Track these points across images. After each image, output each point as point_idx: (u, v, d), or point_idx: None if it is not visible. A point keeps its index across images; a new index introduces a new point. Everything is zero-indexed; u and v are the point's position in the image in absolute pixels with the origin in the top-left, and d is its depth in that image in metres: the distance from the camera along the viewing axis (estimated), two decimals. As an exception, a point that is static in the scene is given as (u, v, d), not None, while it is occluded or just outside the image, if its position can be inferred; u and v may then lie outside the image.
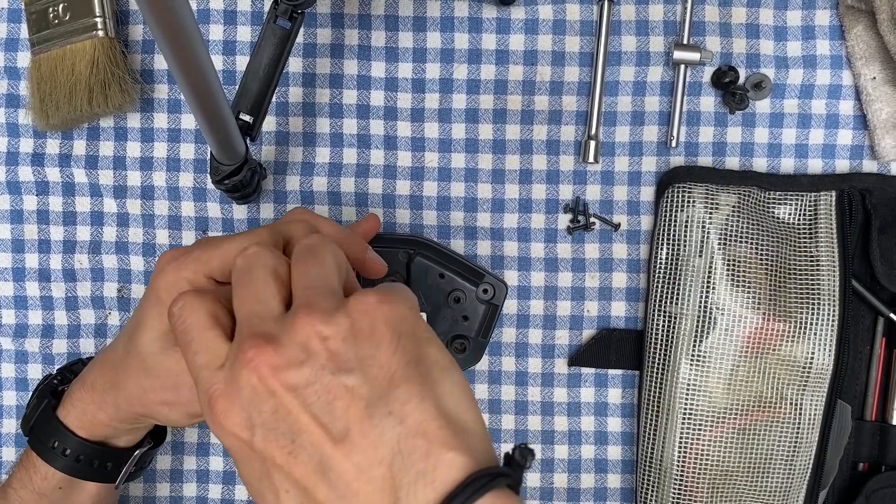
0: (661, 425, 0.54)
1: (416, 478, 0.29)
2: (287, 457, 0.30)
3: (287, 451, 0.30)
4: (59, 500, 0.46)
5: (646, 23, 0.55)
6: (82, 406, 0.45)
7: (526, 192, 0.56)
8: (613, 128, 0.56)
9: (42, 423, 0.46)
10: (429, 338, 0.33)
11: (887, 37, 0.51)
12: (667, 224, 0.54)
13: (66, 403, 0.46)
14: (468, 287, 0.52)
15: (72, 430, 0.45)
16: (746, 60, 0.55)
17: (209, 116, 0.42)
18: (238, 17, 0.56)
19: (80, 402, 0.45)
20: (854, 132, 0.55)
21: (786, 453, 0.53)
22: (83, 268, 0.57)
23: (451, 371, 0.33)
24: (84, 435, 0.45)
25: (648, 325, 0.55)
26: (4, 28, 0.57)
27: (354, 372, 0.31)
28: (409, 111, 0.56)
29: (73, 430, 0.45)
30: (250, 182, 0.52)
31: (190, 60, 0.37)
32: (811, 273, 0.53)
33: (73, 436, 0.45)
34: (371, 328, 0.32)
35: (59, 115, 0.53)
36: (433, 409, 0.30)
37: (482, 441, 0.31)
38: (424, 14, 0.56)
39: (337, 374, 0.30)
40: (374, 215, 0.50)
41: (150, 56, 0.57)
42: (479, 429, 0.32)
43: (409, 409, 0.30)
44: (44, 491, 0.46)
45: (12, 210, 0.57)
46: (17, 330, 0.58)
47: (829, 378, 0.53)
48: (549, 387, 0.57)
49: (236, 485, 0.58)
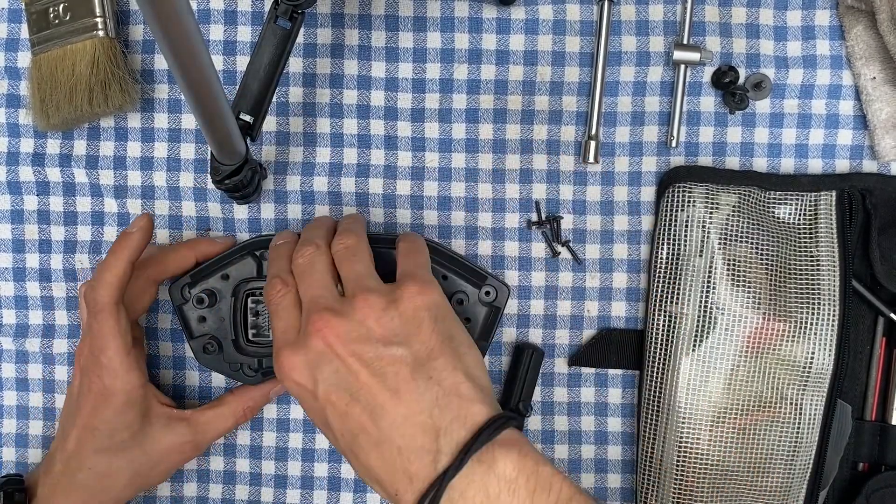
0: (661, 425, 0.54)
1: (451, 422, 0.39)
2: (346, 406, 0.40)
3: (345, 403, 0.40)
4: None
5: (646, 23, 0.55)
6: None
7: (526, 191, 0.56)
8: (614, 128, 0.56)
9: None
10: (455, 320, 0.44)
11: (887, 37, 0.51)
12: (667, 224, 0.54)
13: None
14: (471, 289, 0.52)
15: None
16: (746, 60, 0.55)
17: (209, 116, 0.42)
18: (238, 17, 0.56)
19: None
20: (854, 132, 0.55)
21: (786, 453, 0.53)
22: (84, 268, 0.57)
23: (472, 347, 0.44)
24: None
25: (649, 325, 0.55)
26: (5, 28, 0.57)
27: (402, 345, 0.41)
28: (409, 111, 0.56)
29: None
30: (251, 182, 0.52)
31: (190, 60, 0.37)
32: (811, 273, 0.53)
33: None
34: (414, 312, 0.42)
35: (59, 115, 0.53)
36: (462, 375, 0.41)
37: (494, 399, 0.42)
38: (425, 14, 0.56)
39: (388, 347, 0.41)
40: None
41: (151, 56, 0.57)
42: (490, 388, 0.43)
43: (444, 375, 0.41)
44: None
45: (13, 210, 0.57)
46: (17, 330, 0.58)
47: (830, 378, 0.53)
48: (550, 386, 0.57)
49: (236, 484, 0.58)
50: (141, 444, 0.51)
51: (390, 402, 0.40)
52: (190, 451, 0.53)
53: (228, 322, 0.53)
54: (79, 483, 0.50)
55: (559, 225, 0.56)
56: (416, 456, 0.39)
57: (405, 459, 0.39)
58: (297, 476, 0.58)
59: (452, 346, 0.42)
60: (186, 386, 0.58)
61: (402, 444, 0.39)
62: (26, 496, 0.51)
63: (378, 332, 0.41)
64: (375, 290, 0.43)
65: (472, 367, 0.42)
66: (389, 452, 0.40)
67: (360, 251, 0.46)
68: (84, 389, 0.51)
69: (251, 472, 0.58)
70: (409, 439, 0.39)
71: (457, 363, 0.41)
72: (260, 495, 0.58)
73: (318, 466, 0.58)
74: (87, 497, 0.50)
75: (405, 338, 0.41)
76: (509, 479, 0.38)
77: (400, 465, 0.39)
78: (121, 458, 0.51)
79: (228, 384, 0.58)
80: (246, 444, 0.58)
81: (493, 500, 0.37)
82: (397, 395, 0.40)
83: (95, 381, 0.50)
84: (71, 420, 0.51)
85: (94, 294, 0.50)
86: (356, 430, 0.41)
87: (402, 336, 0.41)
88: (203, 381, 0.58)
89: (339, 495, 0.58)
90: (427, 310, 0.42)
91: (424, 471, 0.39)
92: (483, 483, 0.38)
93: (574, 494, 0.38)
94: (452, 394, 0.40)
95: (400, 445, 0.39)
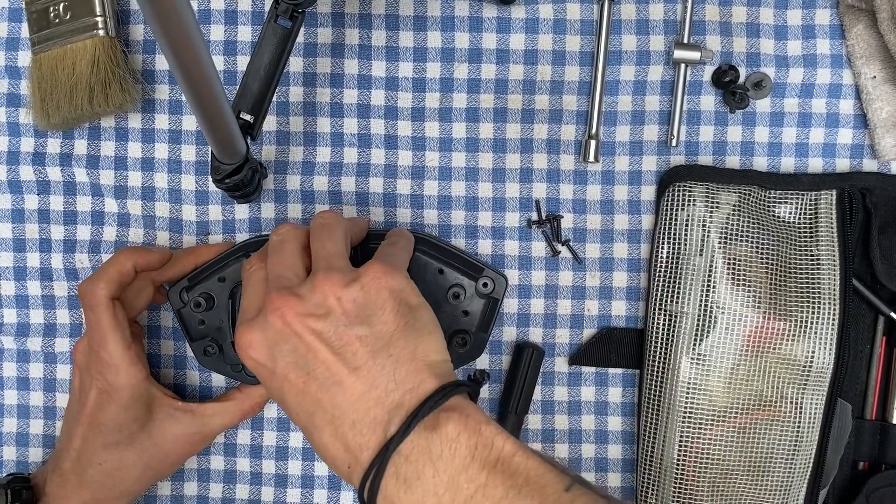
0: (661, 424, 0.54)
1: (404, 395, 0.40)
2: (304, 384, 0.41)
3: (303, 381, 0.41)
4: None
5: (646, 22, 0.55)
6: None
7: (526, 191, 0.56)
8: (614, 127, 0.56)
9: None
10: (418, 303, 0.44)
11: (887, 36, 0.51)
12: (667, 223, 0.54)
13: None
14: (467, 281, 0.52)
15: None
16: (747, 59, 0.55)
17: (210, 116, 0.42)
18: (239, 17, 0.56)
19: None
20: (854, 131, 0.55)
21: (786, 452, 0.53)
22: (84, 267, 0.57)
23: (433, 329, 0.43)
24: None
25: (649, 324, 0.55)
26: (5, 27, 0.57)
27: (363, 325, 0.41)
28: (409, 110, 0.56)
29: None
30: (251, 181, 0.52)
31: (191, 60, 0.37)
32: (811, 272, 0.53)
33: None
34: (377, 293, 0.42)
35: (59, 115, 0.53)
36: (421, 355, 0.41)
37: (452, 377, 0.42)
38: (425, 13, 0.56)
39: (349, 327, 0.41)
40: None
41: (151, 56, 0.57)
42: (450, 369, 0.43)
43: (404, 355, 0.41)
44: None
45: (13, 209, 0.57)
46: (18, 329, 0.58)
47: (830, 377, 0.53)
48: (550, 385, 0.57)
49: (237, 484, 0.58)
50: (150, 436, 0.51)
51: (348, 379, 0.40)
52: (198, 442, 0.54)
53: (227, 324, 0.53)
54: (89, 479, 0.50)
55: (559, 224, 0.56)
56: (368, 429, 0.39)
57: (358, 433, 0.40)
58: (298, 475, 0.58)
59: (415, 327, 0.42)
60: (187, 385, 0.58)
61: (356, 418, 0.40)
62: (33, 495, 0.51)
63: (338, 311, 0.41)
64: (340, 269, 0.43)
65: (431, 347, 0.42)
66: (343, 428, 0.40)
67: (336, 231, 0.46)
68: (86, 387, 0.51)
69: (251, 472, 0.58)
70: (363, 413, 0.40)
71: (417, 344, 0.41)
72: (260, 494, 0.58)
73: (319, 466, 0.58)
74: (99, 492, 0.51)
75: (366, 317, 0.41)
76: (451, 438, 0.38)
77: (353, 438, 0.40)
78: (131, 451, 0.51)
79: (229, 383, 0.58)
80: (246, 444, 0.58)
81: (435, 460, 0.38)
82: (355, 372, 0.40)
83: (98, 379, 0.50)
84: (75, 418, 0.51)
85: (92, 287, 0.50)
86: (312, 407, 0.41)
87: (363, 315, 0.41)
88: (203, 381, 0.58)
89: (339, 494, 0.58)
90: (390, 291, 0.42)
91: (375, 440, 0.39)
92: (427, 445, 0.38)
93: (517, 450, 0.38)
94: (410, 371, 0.40)
95: (353, 420, 0.40)
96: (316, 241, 0.45)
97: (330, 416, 0.40)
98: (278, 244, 0.46)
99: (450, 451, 0.38)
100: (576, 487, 0.37)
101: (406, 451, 0.38)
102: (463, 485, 0.37)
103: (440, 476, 0.38)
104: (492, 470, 0.38)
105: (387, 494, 0.38)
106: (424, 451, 0.38)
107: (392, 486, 0.38)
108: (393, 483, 0.38)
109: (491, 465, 0.38)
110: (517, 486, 0.37)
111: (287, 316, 0.41)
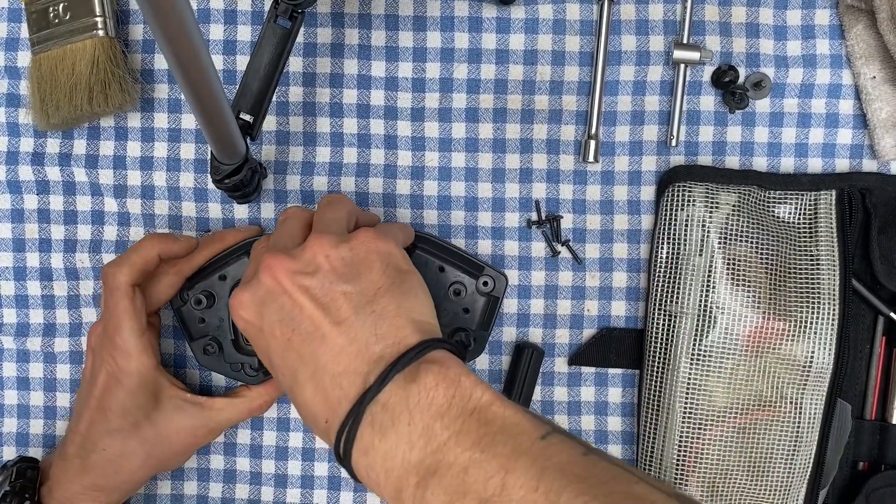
0: (661, 424, 0.54)
1: (385, 346, 0.40)
2: (288, 339, 0.41)
3: (287, 337, 0.41)
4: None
5: (646, 22, 0.55)
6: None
7: (526, 191, 0.56)
8: (613, 127, 0.56)
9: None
10: (408, 270, 0.44)
11: (887, 36, 0.51)
12: (667, 223, 0.54)
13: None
14: (468, 280, 0.52)
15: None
16: (746, 60, 0.55)
17: (209, 116, 0.42)
18: (238, 17, 0.56)
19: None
20: (854, 131, 0.55)
21: (786, 452, 0.53)
22: (84, 267, 0.57)
23: (420, 293, 0.44)
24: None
25: (648, 325, 0.55)
26: (4, 28, 0.57)
27: (350, 282, 0.42)
28: (409, 111, 0.56)
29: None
30: (251, 181, 0.52)
31: (190, 60, 0.37)
32: (811, 272, 0.53)
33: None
34: (366, 255, 0.43)
35: (59, 115, 0.53)
36: (405, 313, 0.42)
37: (437, 334, 0.43)
38: (424, 13, 0.56)
39: (336, 283, 0.41)
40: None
41: (151, 56, 0.57)
42: (435, 329, 0.43)
43: (388, 311, 0.41)
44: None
45: (13, 209, 0.57)
46: (18, 329, 0.58)
47: (829, 377, 0.53)
48: (550, 386, 0.57)
49: (237, 483, 0.58)
50: (155, 426, 0.52)
51: (331, 332, 0.40)
52: (203, 436, 0.54)
53: (227, 322, 0.53)
54: (92, 464, 0.50)
55: (559, 224, 0.56)
56: (348, 381, 0.40)
57: (337, 385, 0.40)
58: (297, 475, 0.58)
59: (402, 288, 0.42)
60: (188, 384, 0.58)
61: (337, 371, 0.40)
62: (38, 475, 0.51)
63: (326, 267, 0.42)
64: (333, 232, 0.44)
65: (417, 308, 0.42)
66: (324, 381, 0.40)
67: (340, 204, 0.47)
68: (97, 371, 0.51)
69: (251, 472, 0.58)
70: (344, 366, 0.40)
71: (401, 302, 0.42)
72: (260, 494, 0.58)
73: (319, 466, 0.58)
74: (100, 478, 0.51)
75: (353, 275, 0.42)
76: (429, 388, 0.38)
77: (332, 392, 0.40)
78: (134, 439, 0.51)
79: (229, 383, 0.58)
80: (246, 444, 0.58)
81: (412, 408, 0.38)
82: (338, 326, 0.40)
83: (108, 362, 0.50)
84: (84, 402, 0.52)
85: (114, 271, 0.50)
86: (295, 363, 0.41)
87: (350, 273, 0.42)
88: (204, 380, 0.58)
89: (339, 495, 0.58)
90: (378, 253, 0.43)
91: (354, 392, 0.39)
92: (404, 394, 0.38)
93: (495, 400, 0.38)
94: (392, 326, 0.41)
95: (334, 373, 0.40)
96: (317, 214, 0.47)
97: (311, 370, 0.41)
98: (283, 221, 0.47)
99: (427, 400, 0.38)
100: (552, 435, 0.37)
101: (383, 400, 0.39)
102: (437, 432, 0.37)
103: (415, 424, 0.38)
104: (467, 418, 0.38)
105: (362, 444, 0.39)
106: (402, 401, 0.38)
107: (367, 434, 0.38)
108: (368, 432, 0.38)
109: (467, 414, 0.38)
110: (491, 433, 0.37)
111: (278, 274, 0.42)
